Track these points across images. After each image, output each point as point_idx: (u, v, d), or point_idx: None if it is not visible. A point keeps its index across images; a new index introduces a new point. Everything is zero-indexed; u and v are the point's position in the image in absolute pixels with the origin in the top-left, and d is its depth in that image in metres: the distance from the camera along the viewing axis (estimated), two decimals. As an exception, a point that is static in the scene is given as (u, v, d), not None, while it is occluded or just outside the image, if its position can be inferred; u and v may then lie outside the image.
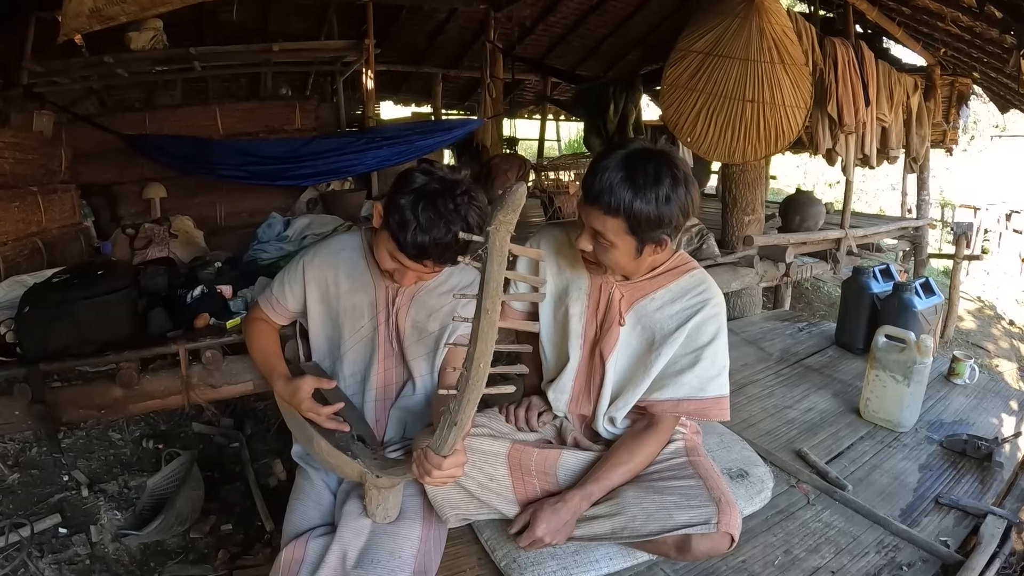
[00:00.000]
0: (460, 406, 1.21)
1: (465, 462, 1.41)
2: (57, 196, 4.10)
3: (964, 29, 4.56)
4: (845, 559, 1.78)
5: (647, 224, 1.49)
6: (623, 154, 1.50)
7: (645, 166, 1.48)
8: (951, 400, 2.78)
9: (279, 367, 1.80)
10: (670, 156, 1.53)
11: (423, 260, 1.57)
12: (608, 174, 1.48)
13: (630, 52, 9.92)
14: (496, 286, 1.11)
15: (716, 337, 1.69)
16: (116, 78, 5.60)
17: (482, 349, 1.15)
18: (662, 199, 1.47)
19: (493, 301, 1.12)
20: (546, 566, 1.60)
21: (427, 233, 1.52)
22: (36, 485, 2.98)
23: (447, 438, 1.28)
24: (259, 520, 2.85)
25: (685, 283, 1.72)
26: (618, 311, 1.73)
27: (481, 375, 1.17)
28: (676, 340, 1.68)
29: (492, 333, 1.14)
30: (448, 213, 1.52)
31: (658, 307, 1.71)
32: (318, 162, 4.94)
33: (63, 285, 2.46)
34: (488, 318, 1.13)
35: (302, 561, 1.51)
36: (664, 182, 1.47)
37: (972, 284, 9.29)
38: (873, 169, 4.92)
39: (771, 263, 4.40)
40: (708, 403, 1.68)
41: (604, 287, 1.75)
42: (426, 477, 1.36)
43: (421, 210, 1.52)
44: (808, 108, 3.70)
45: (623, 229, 1.51)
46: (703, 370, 1.68)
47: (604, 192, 1.48)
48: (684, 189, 1.50)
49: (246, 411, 3.75)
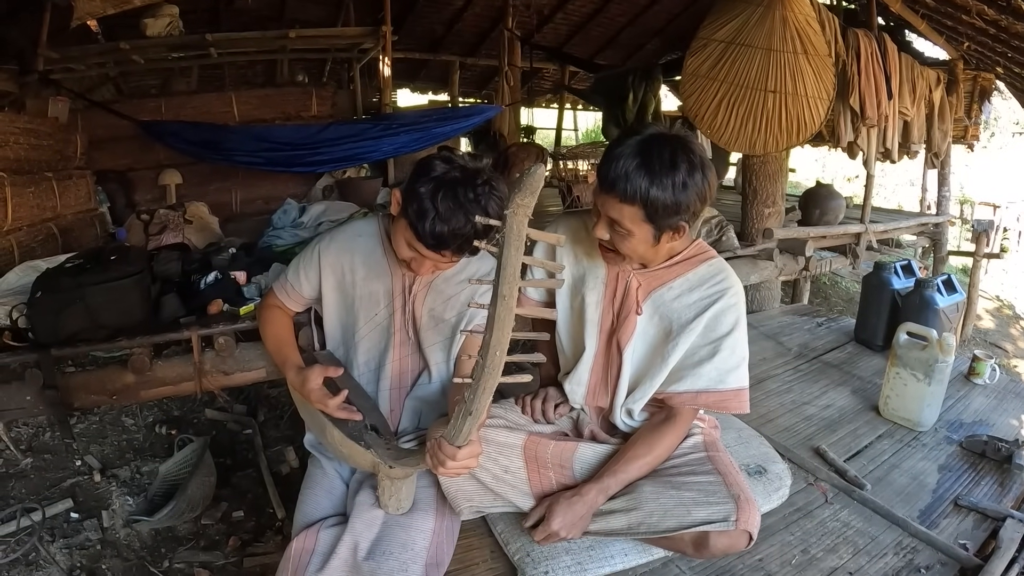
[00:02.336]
0: (475, 395, 1.19)
1: (480, 453, 1.39)
2: (72, 182, 4.12)
3: (989, 23, 4.48)
4: (863, 560, 1.75)
5: (664, 211, 1.46)
6: (638, 140, 1.47)
7: (661, 152, 1.45)
8: (971, 400, 2.74)
9: (292, 356, 1.77)
10: (686, 141, 1.49)
11: (441, 250, 1.54)
12: (623, 161, 1.45)
13: (649, 41, 9.87)
14: (513, 271, 1.08)
15: (735, 328, 1.65)
16: (132, 65, 5.61)
17: (498, 336, 1.12)
18: (679, 185, 1.44)
19: (510, 287, 1.09)
20: (560, 560, 1.58)
21: (446, 223, 1.48)
22: (49, 470, 3.00)
23: (462, 428, 1.26)
24: (271, 508, 2.86)
25: (703, 272, 1.68)
26: (635, 300, 1.70)
27: (497, 363, 1.14)
28: (694, 330, 1.64)
29: (509, 320, 1.12)
30: (468, 203, 1.49)
31: (676, 296, 1.68)
32: (334, 149, 4.92)
33: (75, 270, 2.45)
34: (505, 304, 1.10)
35: (313, 551, 1.50)
36: (680, 168, 1.44)
37: (991, 283, 9.19)
38: (894, 163, 4.85)
39: (790, 256, 4.36)
40: (727, 395, 1.65)
41: (621, 276, 1.72)
42: (440, 468, 1.34)
43: (440, 199, 1.48)
44: (831, 100, 3.65)
45: (640, 217, 1.48)
46: (722, 361, 1.64)
47: (620, 180, 1.45)
48: (701, 174, 1.47)
49: (259, 398, 3.75)
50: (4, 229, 3.20)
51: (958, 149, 6.93)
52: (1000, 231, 10.54)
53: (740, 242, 4.11)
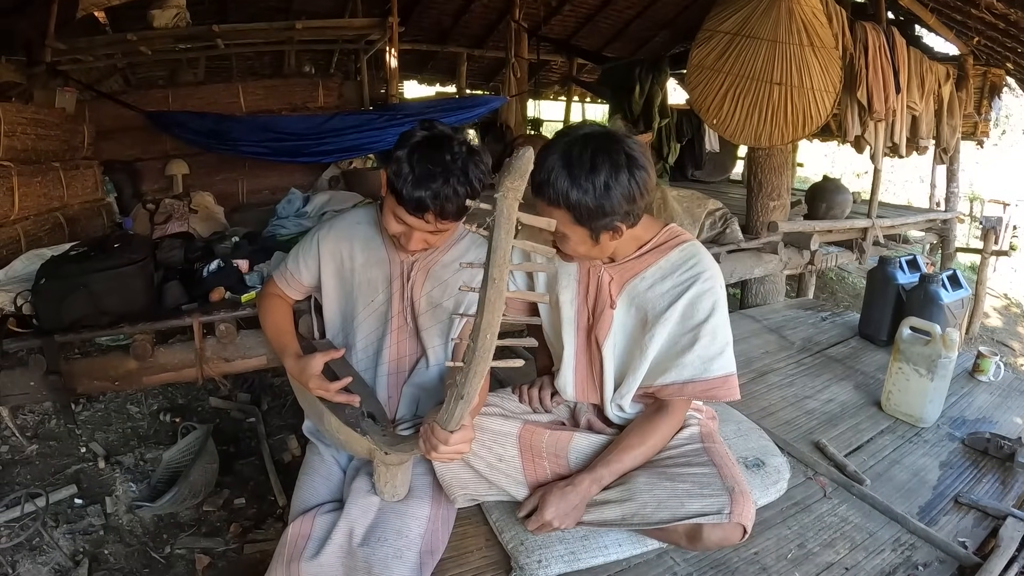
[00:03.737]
0: (467, 379, 1.18)
1: (472, 438, 1.39)
2: (79, 172, 4.13)
3: (999, 17, 4.44)
4: (860, 555, 1.74)
5: (589, 214, 1.44)
6: (564, 143, 1.45)
7: (582, 154, 1.42)
8: (975, 397, 2.71)
9: (291, 345, 1.78)
10: (612, 140, 1.45)
11: (423, 214, 1.53)
12: (547, 167, 1.43)
13: (657, 34, 9.82)
14: (503, 254, 1.08)
15: (713, 312, 1.61)
16: (139, 56, 5.65)
17: (489, 320, 1.12)
18: (600, 188, 1.41)
19: (500, 270, 1.09)
20: (553, 550, 1.58)
21: (424, 183, 1.49)
22: (54, 456, 3.03)
23: (453, 412, 1.26)
24: (272, 495, 2.88)
25: (675, 258, 1.64)
26: (608, 295, 1.68)
27: (488, 347, 1.14)
28: (669, 319, 1.61)
29: (499, 303, 1.11)
30: (446, 164, 1.50)
31: (649, 286, 1.65)
32: (339, 139, 4.93)
33: (79, 257, 2.47)
34: (495, 287, 1.09)
35: (309, 536, 1.51)
36: (602, 170, 1.41)
37: (999, 281, 9.13)
38: (902, 159, 4.82)
39: (795, 250, 4.34)
40: (715, 383, 1.61)
41: (593, 271, 1.69)
42: (432, 452, 1.34)
43: (417, 161, 1.49)
44: (837, 93, 3.62)
45: (569, 220, 1.46)
46: (703, 348, 1.61)
47: (543, 184, 1.43)
48: (627, 174, 1.43)
49: (263, 386, 3.78)
50: (11, 218, 3.21)
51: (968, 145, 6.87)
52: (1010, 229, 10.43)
53: (744, 235, 4.09)
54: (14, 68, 4.45)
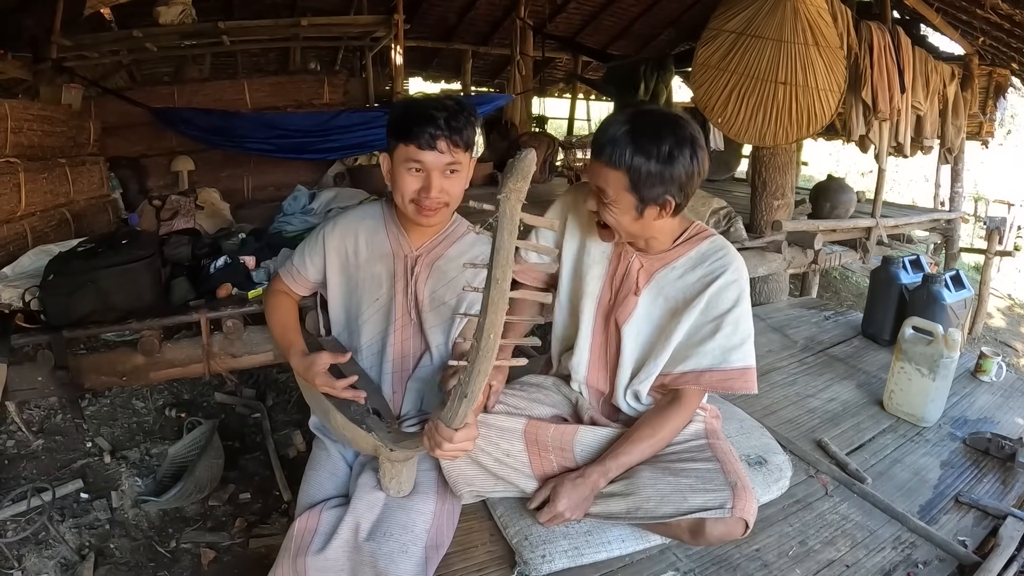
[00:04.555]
0: (471, 378, 1.20)
1: (476, 436, 1.40)
2: (85, 168, 4.15)
3: (1004, 17, 4.43)
4: (860, 553, 1.75)
5: (647, 180, 1.47)
6: (632, 112, 1.51)
7: (649, 123, 1.48)
8: (976, 397, 2.71)
9: (297, 342, 1.79)
10: (679, 117, 1.53)
11: (435, 142, 1.56)
12: (613, 128, 1.49)
13: (663, 32, 9.82)
14: (507, 255, 1.09)
15: (737, 304, 1.64)
16: (145, 52, 5.65)
17: (492, 320, 1.13)
18: (664, 155, 1.46)
19: (503, 271, 1.10)
20: (557, 545, 1.59)
21: (428, 111, 1.55)
22: (60, 451, 3.04)
23: (457, 410, 1.27)
24: (277, 490, 2.89)
25: (704, 249, 1.68)
26: (635, 281, 1.70)
27: (491, 346, 1.15)
28: (696, 307, 1.64)
29: (502, 303, 1.12)
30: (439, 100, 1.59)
31: (679, 276, 1.68)
32: (344, 136, 4.94)
33: (87, 253, 2.49)
34: (498, 288, 1.10)
35: (315, 531, 1.52)
36: (667, 140, 1.46)
37: (1003, 281, 9.09)
38: (907, 158, 4.81)
39: (799, 249, 4.34)
40: (732, 374, 1.64)
41: (624, 256, 1.73)
42: (436, 450, 1.35)
43: (416, 104, 1.60)
44: (842, 92, 3.62)
45: (623, 184, 1.49)
46: (724, 338, 1.63)
47: (607, 145, 1.48)
48: (690, 151, 1.48)
49: (268, 382, 3.79)
50: (18, 214, 3.23)
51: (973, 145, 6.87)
52: (1014, 229, 10.41)
53: (748, 234, 4.10)
54: (20, 65, 4.48)
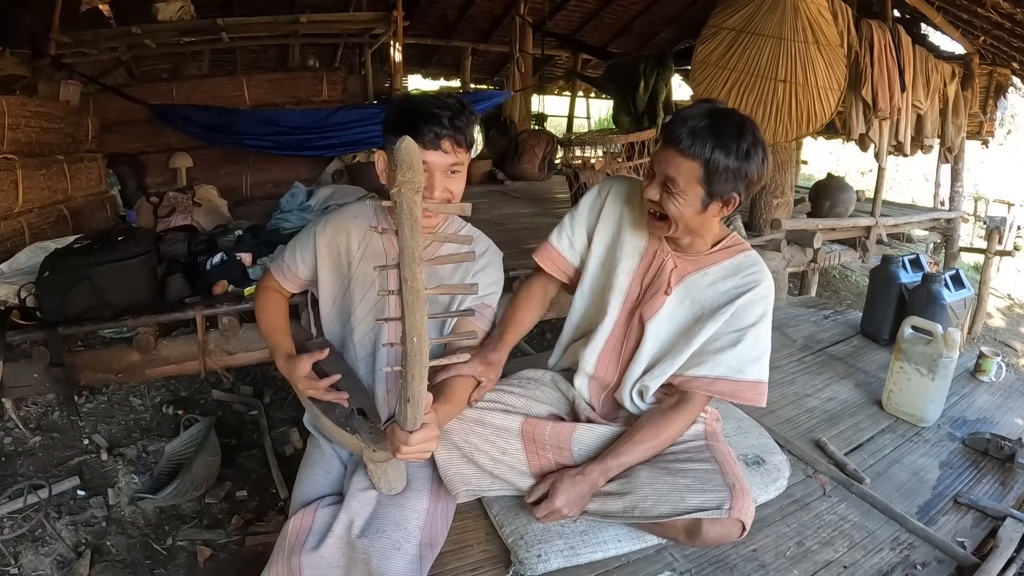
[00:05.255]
0: (407, 382, 1.18)
1: (437, 435, 1.38)
2: (83, 165, 4.15)
3: (1005, 16, 4.42)
4: (859, 554, 1.74)
5: (723, 175, 1.50)
6: (710, 108, 1.54)
7: (730, 120, 1.52)
8: (976, 397, 2.70)
9: (283, 343, 1.79)
10: (752, 122, 1.57)
11: (439, 141, 1.55)
12: (693, 120, 1.50)
13: (663, 30, 9.79)
14: (412, 252, 1.05)
15: (761, 320, 1.66)
16: (144, 49, 5.65)
17: (411, 323, 1.10)
18: (743, 152, 1.49)
19: (411, 270, 1.06)
20: (553, 544, 1.58)
21: (430, 109, 1.54)
22: (57, 448, 3.03)
23: (405, 414, 1.25)
24: (274, 488, 2.88)
25: (739, 262, 1.70)
26: (667, 280, 1.71)
27: (418, 349, 1.12)
28: (722, 316, 1.65)
29: (418, 304, 1.09)
30: (440, 98, 1.58)
31: (711, 283, 1.69)
32: (343, 132, 4.94)
33: (83, 250, 2.48)
34: (410, 288, 1.07)
35: (310, 530, 1.51)
36: (747, 137, 1.50)
37: (1003, 281, 9.07)
38: (907, 157, 4.81)
39: (799, 248, 4.33)
40: (744, 386, 1.65)
41: (659, 254, 1.73)
42: (397, 453, 1.34)
43: (419, 103, 1.58)
44: (842, 91, 3.62)
45: (697, 176, 1.51)
46: (744, 351, 1.65)
47: (686, 135, 1.49)
48: (763, 152, 1.54)
49: (266, 379, 3.78)
50: (15, 211, 3.23)
51: (973, 145, 6.86)
52: (1014, 229, 10.39)
53: (748, 232, 4.10)
54: (19, 61, 4.47)
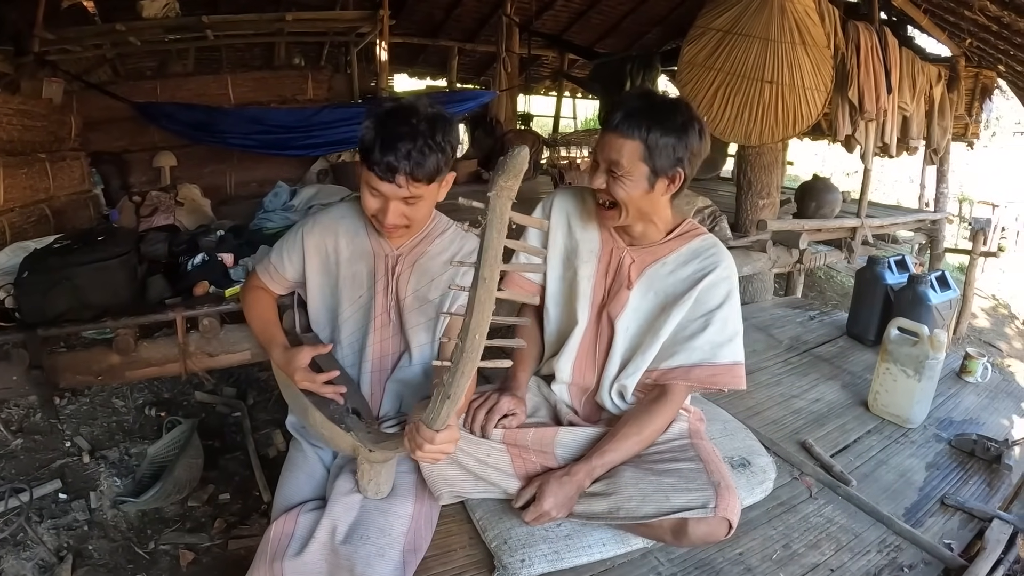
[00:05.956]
0: (454, 378, 1.17)
1: (458, 438, 1.38)
2: (66, 163, 4.11)
3: (992, 19, 4.44)
4: (845, 557, 1.74)
5: (664, 150, 1.53)
6: (644, 89, 1.65)
7: (663, 99, 1.61)
8: (962, 398, 2.72)
9: (278, 336, 1.77)
10: (684, 102, 1.64)
11: (394, 176, 1.50)
12: (627, 103, 1.56)
13: (650, 31, 9.81)
14: (495, 254, 1.08)
15: (727, 301, 1.68)
16: (128, 46, 5.60)
17: (478, 320, 1.11)
18: (679, 125, 1.53)
19: (491, 270, 1.08)
20: (537, 549, 1.56)
21: (391, 144, 1.47)
22: (38, 451, 2.98)
23: (440, 411, 1.24)
24: (257, 491, 2.85)
25: (696, 246, 1.72)
26: (627, 276, 1.72)
27: (476, 347, 1.13)
28: (686, 303, 1.66)
29: (489, 303, 1.11)
30: (412, 125, 1.48)
31: (670, 271, 1.71)
32: (327, 132, 4.93)
33: (63, 250, 2.45)
34: (486, 287, 1.09)
35: (292, 535, 1.49)
36: (680, 114, 1.56)
37: (987, 282, 9.14)
38: (893, 158, 4.83)
39: (784, 249, 4.34)
40: (720, 369, 1.66)
41: (615, 251, 1.74)
42: (417, 452, 1.32)
43: (383, 126, 1.49)
44: (828, 92, 3.63)
45: (639, 155, 1.54)
46: (714, 334, 1.66)
47: (623, 117, 1.53)
48: (698, 128, 1.58)
49: (249, 381, 3.74)
50: (-4, 210, 3.19)
51: (958, 147, 6.89)
52: (998, 230, 10.50)
53: (733, 233, 4.10)
54: (2, 58, 4.41)
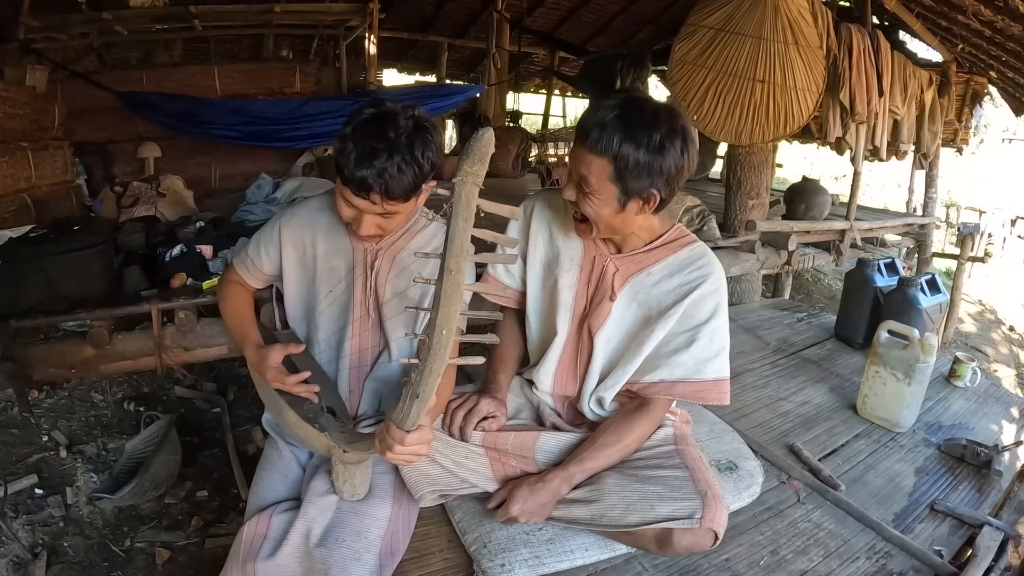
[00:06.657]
0: (422, 376, 1.12)
1: (431, 439, 1.32)
2: (49, 153, 4.07)
3: (985, 24, 4.44)
4: (834, 563, 1.70)
5: (634, 170, 1.40)
6: (624, 97, 1.42)
7: (642, 109, 1.40)
8: (951, 402, 2.69)
9: (251, 334, 1.71)
10: (673, 108, 1.45)
11: (368, 194, 1.44)
12: (602, 112, 1.40)
13: (641, 30, 9.83)
14: (461, 243, 1.03)
15: (715, 315, 1.60)
16: (115, 35, 5.50)
17: (445, 314, 1.06)
18: (654, 145, 1.38)
19: (457, 260, 1.03)
20: (518, 553, 1.52)
21: (366, 161, 1.40)
22: (15, 445, 2.93)
23: (409, 411, 1.18)
24: (235, 488, 2.81)
25: (684, 257, 1.62)
26: (610, 286, 1.64)
27: (444, 343, 1.07)
28: (672, 317, 1.58)
29: (456, 296, 1.06)
30: (389, 140, 1.41)
31: (655, 282, 1.62)
32: (313, 124, 4.90)
33: (37, 240, 2.42)
34: (452, 279, 1.04)
35: (265, 536, 1.44)
36: (660, 128, 1.38)
37: (974, 287, 9.20)
38: (882, 162, 4.83)
39: (773, 250, 4.34)
40: (706, 385, 1.60)
41: (598, 260, 1.66)
42: (388, 453, 1.26)
43: (360, 138, 1.41)
44: (820, 93, 3.62)
45: (608, 174, 1.41)
46: (700, 350, 1.59)
47: (593, 129, 1.39)
48: (681, 143, 1.41)
49: (230, 376, 3.70)
50: (-26, 198, 3.14)
51: (947, 152, 6.93)
52: (985, 236, 10.58)
53: (722, 233, 4.09)
54: (-14, 44, 4.34)
